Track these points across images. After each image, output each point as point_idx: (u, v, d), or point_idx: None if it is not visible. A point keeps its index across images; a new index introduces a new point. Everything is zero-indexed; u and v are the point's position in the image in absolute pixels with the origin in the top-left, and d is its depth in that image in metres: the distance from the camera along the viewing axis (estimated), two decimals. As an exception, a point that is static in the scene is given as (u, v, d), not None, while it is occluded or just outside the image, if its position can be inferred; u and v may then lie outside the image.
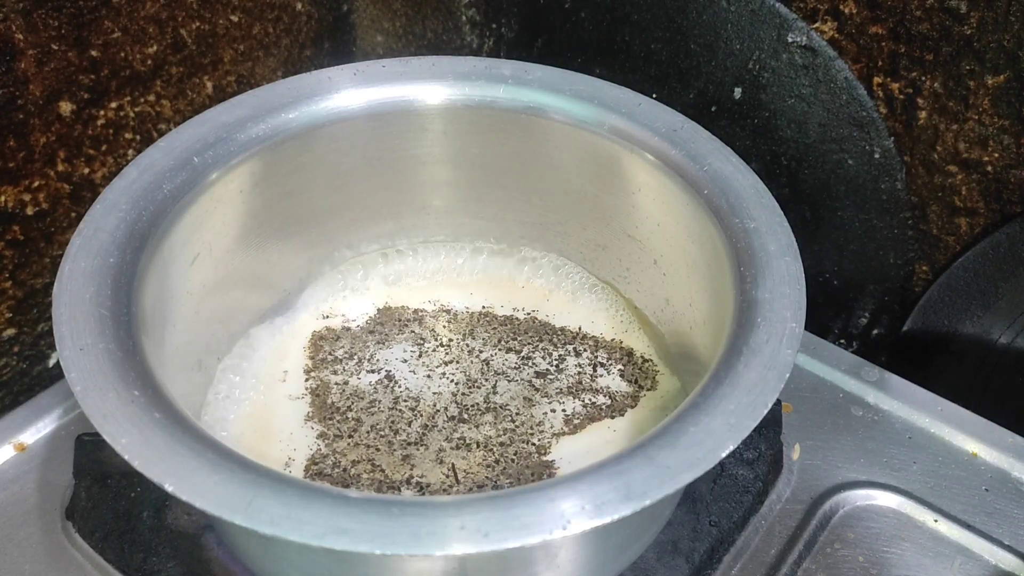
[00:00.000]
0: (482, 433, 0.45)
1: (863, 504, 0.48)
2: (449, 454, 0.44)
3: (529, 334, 0.50)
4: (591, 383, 0.48)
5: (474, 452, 0.44)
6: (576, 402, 0.47)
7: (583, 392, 0.47)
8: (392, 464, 0.44)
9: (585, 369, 0.48)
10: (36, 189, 0.55)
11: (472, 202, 0.54)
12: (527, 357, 0.49)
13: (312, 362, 0.49)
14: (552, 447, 0.45)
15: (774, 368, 0.35)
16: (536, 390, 0.47)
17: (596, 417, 0.46)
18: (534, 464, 0.44)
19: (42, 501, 0.47)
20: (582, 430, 0.45)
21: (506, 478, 0.43)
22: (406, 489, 0.43)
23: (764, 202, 0.42)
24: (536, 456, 0.44)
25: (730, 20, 0.59)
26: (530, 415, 0.46)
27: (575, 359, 0.49)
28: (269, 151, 0.46)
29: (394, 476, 0.43)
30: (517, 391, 0.47)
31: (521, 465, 0.44)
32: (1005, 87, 0.53)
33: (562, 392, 0.47)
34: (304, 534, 0.30)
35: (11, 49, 0.51)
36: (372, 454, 0.44)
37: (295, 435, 0.45)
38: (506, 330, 0.50)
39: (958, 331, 0.59)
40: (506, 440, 0.45)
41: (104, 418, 0.32)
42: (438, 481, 0.43)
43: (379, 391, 0.47)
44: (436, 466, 0.44)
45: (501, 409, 0.46)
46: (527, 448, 0.45)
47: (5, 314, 0.57)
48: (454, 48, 0.73)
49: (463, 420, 0.46)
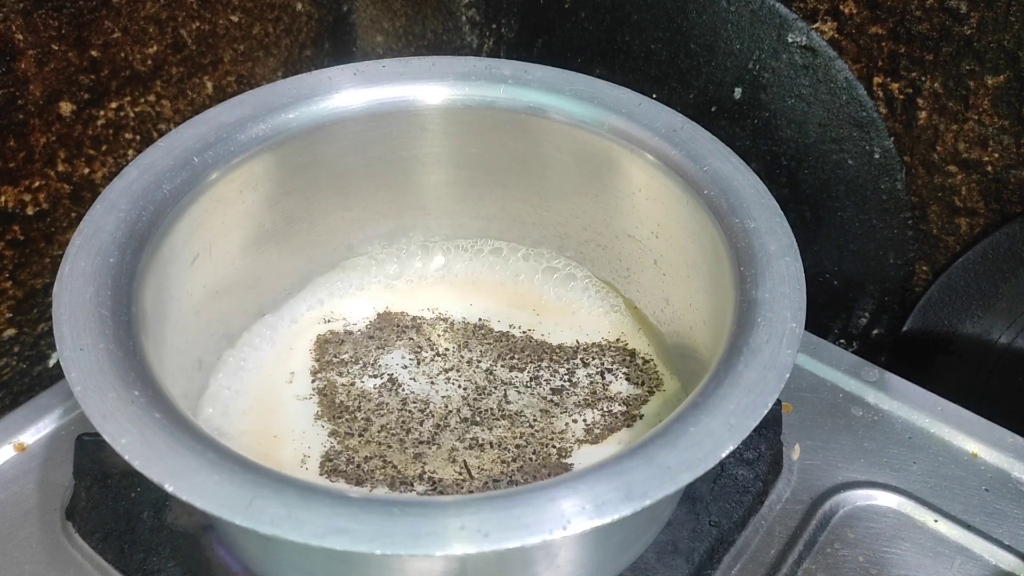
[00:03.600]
0: (496, 435, 0.45)
1: (863, 504, 0.48)
2: (462, 453, 0.44)
3: (526, 352, 0.50)
4: (604, 393, 0.48)
5: (488, 452, 0.44)
6: (595, 413, 0.46)
7: (599, 402, 0.47)
8: (404, 461, 0.44)
9: (595, 379, 0.48)
10: (36, 189, 0.55)
11: (472, 202, 0.54)
12: (534, 376, 0.48)
13: (318, 364, 0.49)
14: (574, 452, 0.45)
15: (774, 368, 0.35)
16: (556, 405, 0.47)
17: (615, 427, 0.46)
18: (552, 464, 0.44)
19: (42, 501, 0.47)
20: (603, 440, 0.45)
21: (522, 475, 0.43)
22: (419, 484, 0.43)
23: (764, 202, 0.42)
24: (556, 458, 0.44)
25: (730, 20, 0.59)
26: (549, 423, 0.46)
27: (585, 370, 0.49)
28: (269, 151, 0.46)
29: (407, 472, 0.43)
30: (532, 402, 0.47)
31: (539, 464, 0.44)
32: (1005, 87, 0.53)
33: (580, 405, 0.47)
34: (304, 534, 0.30)
35: (11, 49, 0.51)
36: (384, 451, 0.44)
37: (307, 433, 0.45)
38: (503, 346, 0.50)
39: (958, 331, 0.59)
40: (523, 443, 0.45)
41: (104, 418, 0.32)
42: (451, 477, 0.43)
43: (384, 394, 0.47)
44: (448, 464, 0.44)
45: (517, 416, 0.46)
46: (547, 450, 0.44)
47: (5, 314, 0.57)
48: (454, 48, 0.73)
49: (476, 423, 0.46)
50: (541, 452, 0.44)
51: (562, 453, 0.44)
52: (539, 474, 0.43)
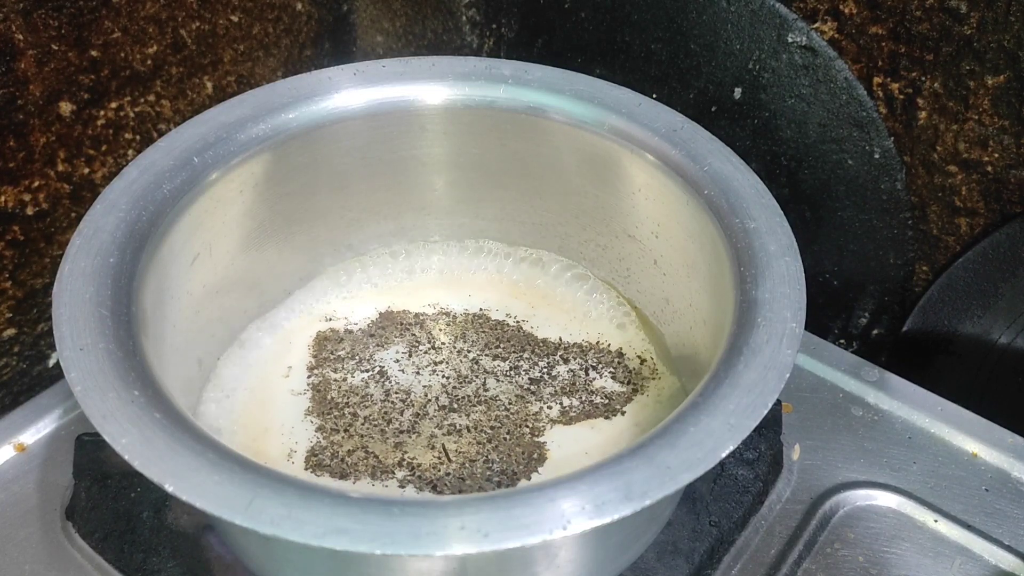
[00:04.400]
0: (472, 419, 0.46)
1: (863, 504, 0.48)
2: (440, 439, 0.45)
3: (513, 343, 0.50)
4: (585, 386, 0.48)
5: (465, 436, 0.45)
6: (573, 399, 0.47)
7: (578, 392, 0.47)
8: (385, 451, 0.44)
9: (578, 374, 0.48)
10: (36, 189, 0.55)
11: (472, 202, 0.54)
12: (515, 365, 0.49)
13: (315, 360, 0.49)
14: (546, 431, 0.45)
15: (774, 368, 0.35)
16: (532, 393, 0.47)
17: (592, 414, 0.46)
18: (525, 443, 0.44)
19: (42, 501, 0.47)
20: (577, 422, 0.46)
21: (497, 454, 0.44)
22: (399, 471, 0.43)
23: (764, 202, 0.42)
24: (529, 436, 0.45)
25: (730, 20, 0.59)
26: (524, 407, 0.46)
27: (565, 366, 0.49)
28: (269, 151, 0.46)
29: (387, 460, 0.44)
30: (509, 389, 0.47)
31: (512, 443, 0.44)
32: (1005, 87, 0.53)
33: (557, 393, 0.47)
34: (304, 534, 0.30)
35: (11, 49, 0.51)
36: (367, 443, 0.45)
37: (296, 429, 0.46)
38: (494, 336, 0.51)
39: (958, 331, 0.59)
40: (497, 424, 0.45)
41: (104, 418, 0.32)
42: (429, 462, 0.44)
43: (370, 386, 0.48)
44: (427, 450, 0.44)
45: (492, 401, 0.47)
46: (520, 430, 0.45)
47: (5, 314, 0.57)
48: (454, 48, 0.73)
49: (453, 409, 0.46)
50: (515, 432, 0.45)
51: (535, 432, 0.45)
52: (513, 452, 0.44)
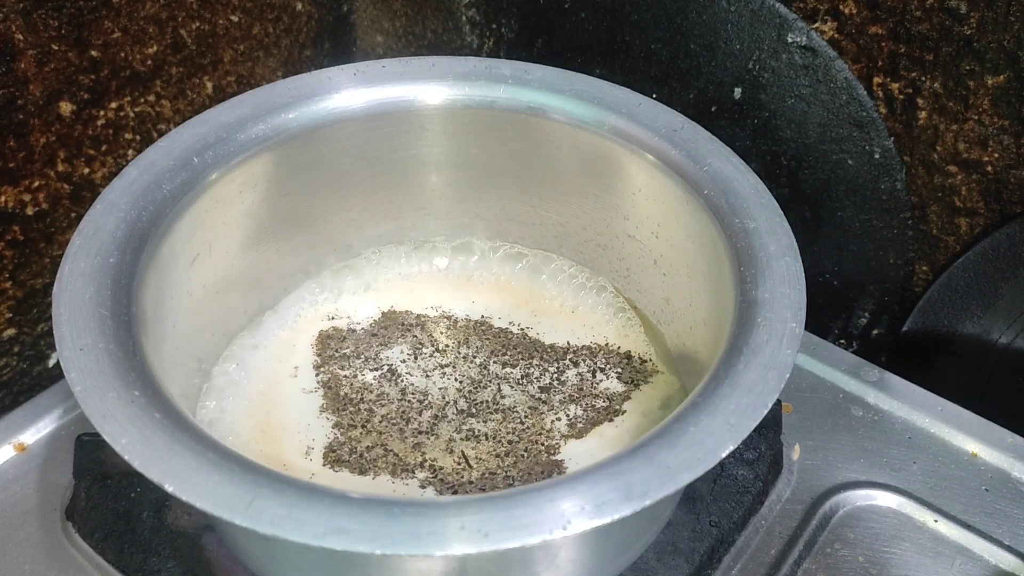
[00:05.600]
0: (490, 428, 0.46)
1: (863, 504, 0.48)
2: (459, 444, 0.45)
3: (519, 349, 0.50)
4: (591, 390, 0.48)
5: (483, 443, 0.45)
6: (578, 407, 0.47)
7: (584, 397, 0.47)
8: (404, 450, 0.44)
9: (586, 377, 0.48)
10: (36, 189, 0.55)
11: (472, 202, 0.54)
12: (526, 372, 0.49)
13: (320, 358, 0.49)
14: (561, 448, 0.45)
15: (774, 368, 0.35)
16: (543, 402, 0.47)
17: (597, 420, 0.46)
18: (544, 462, 0.44)
19: (42, 501, 0.47)
20: (587, 434, 0.46)
21: (517, 471, 0.44)
22: (420, 472, 0.43)
23: (764, 202, 0.42)
24: (546, 455, 0.44)
25: (730, 20, 0.59)
26: (539, 419, 0.46)
27: (575, 370, 0.49)
28: (269, 151, 0.46)
29: (407, 459, 0.44)
30: (522, 399, 0.47)
31: (531, 461, 0.44)
32: (1005, 87, 0.53)
33: (565, 401, 0.47)
34: (304, 534, 0.30)
35: (11, 49, 0.51)
36: (385, 440, 0.45)
37: (312, 425, 0.46)
38: (499, 343, 0.50)
39: (958, 331, 0.59)
40: (515, 438, 0.45)
41: (104, 418, 0.32)
42: (450, 466, 0.43)
43: (384, 385, 0.48)
44: (447, 454, 0.44)
45: (509, 411, 0.47)
46: (536, 447, 0.45)
47: (5, 314, 0.57)
48: (454, 48, 0.73)
49: (472, 414, 0.46)
50: (532, 449, 0.45)
51: (551, 450, 0.45)
52: (533, 471, 0.44)
